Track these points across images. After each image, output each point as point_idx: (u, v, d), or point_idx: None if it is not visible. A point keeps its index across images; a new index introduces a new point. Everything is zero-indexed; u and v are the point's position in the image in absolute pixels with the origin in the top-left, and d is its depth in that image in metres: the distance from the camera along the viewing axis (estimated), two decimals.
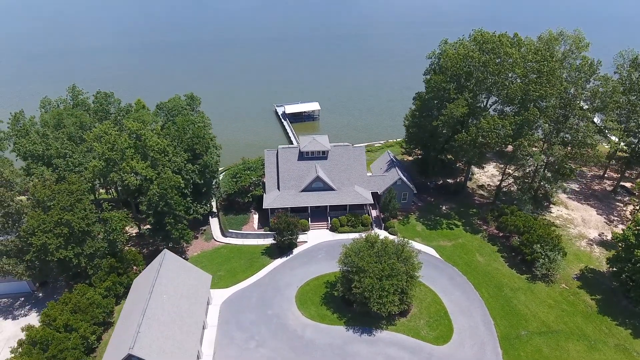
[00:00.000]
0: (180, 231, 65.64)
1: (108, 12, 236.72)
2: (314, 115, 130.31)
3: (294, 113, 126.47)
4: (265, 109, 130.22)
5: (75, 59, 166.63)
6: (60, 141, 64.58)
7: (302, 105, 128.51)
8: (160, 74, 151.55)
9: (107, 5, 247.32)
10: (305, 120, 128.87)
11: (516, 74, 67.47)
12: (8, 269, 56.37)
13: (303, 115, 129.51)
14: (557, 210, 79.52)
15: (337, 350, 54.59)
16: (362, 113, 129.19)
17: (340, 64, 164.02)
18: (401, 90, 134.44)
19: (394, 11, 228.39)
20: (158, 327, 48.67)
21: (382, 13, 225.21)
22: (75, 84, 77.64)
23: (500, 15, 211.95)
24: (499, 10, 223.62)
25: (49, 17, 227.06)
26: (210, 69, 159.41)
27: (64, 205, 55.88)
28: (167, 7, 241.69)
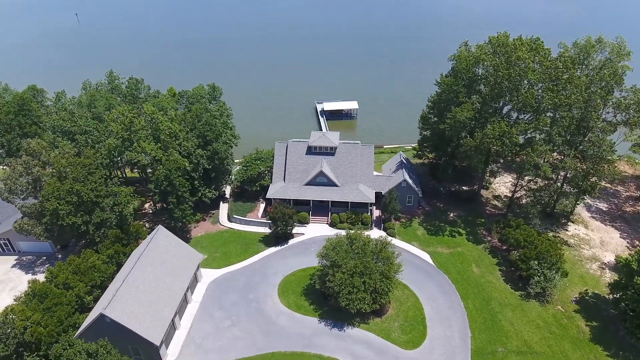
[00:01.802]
0: (183, 211, 70.01)
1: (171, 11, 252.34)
2: (351, 114, 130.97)
3: (332, 111, 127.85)
4: (306, 105, 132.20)
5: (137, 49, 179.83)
6: (84, 119, 71.59)
7: (341, 103, 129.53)
8: (207, 68, 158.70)
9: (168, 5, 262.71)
10: (343, 119, 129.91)
11: (530, 80, 63.96)
12: (27, 229, 63.75)
13: (342, 113, 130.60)
14: (575, 228, 74.15)
15: (305, 341, 55.77)
16: (400, 115, 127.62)
17: (386, 65, 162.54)
18: None
19: (455, 13, 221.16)
20: (135, 294, 52.82)
21: (443, 15, 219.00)
22: (112, 70, 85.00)
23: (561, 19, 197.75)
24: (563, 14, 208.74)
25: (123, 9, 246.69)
26: (257, 64, 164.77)
27: (76, 176, 62.08)
28: (216, 4, 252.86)
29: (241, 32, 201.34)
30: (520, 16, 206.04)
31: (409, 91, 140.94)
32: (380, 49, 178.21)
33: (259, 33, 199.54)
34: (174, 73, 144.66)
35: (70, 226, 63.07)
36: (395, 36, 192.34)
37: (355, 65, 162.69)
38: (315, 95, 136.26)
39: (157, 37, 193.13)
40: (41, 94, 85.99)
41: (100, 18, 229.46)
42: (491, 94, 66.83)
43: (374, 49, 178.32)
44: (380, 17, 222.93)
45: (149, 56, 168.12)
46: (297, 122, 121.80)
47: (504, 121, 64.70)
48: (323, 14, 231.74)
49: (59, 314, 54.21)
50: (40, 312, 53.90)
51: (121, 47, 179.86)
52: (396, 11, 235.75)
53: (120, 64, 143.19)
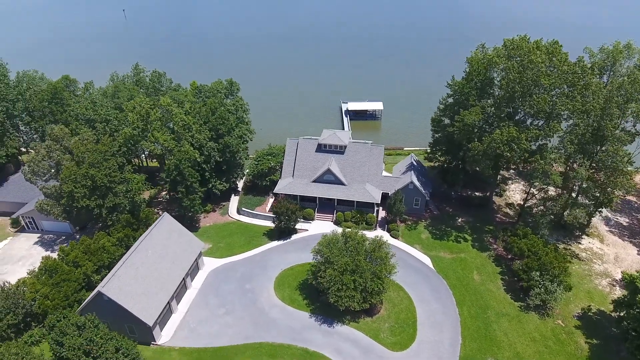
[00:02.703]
0: (192, 201, 72.56)
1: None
2: (376, 114, 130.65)
3: (357, 111, 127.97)
4: (333, 105, 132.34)
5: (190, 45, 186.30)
6: (105, 109, 75.51)
7: (365, 103, 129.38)
8: (237, 65, 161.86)
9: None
10: (367, 119, 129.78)
11: (544, 85, 61.78)
12: (47, 209, 68.12)
13: (366, 113, 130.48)
14: (589, 242, 70.88)
15: (294, 334, 56.60)
16: (425, 118, 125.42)
17: (415, 66, 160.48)
18: None
19: (495, 15, 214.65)
20: (134, 275, 55.46)
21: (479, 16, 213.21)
22: (138, 63, 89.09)
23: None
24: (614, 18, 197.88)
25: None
26: (287, 62, 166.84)
27: (92, 162, 65.74)
28: (252, 3, 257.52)
29: (274, 31, 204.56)
30: (560, 19, 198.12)
31: (436, 94, 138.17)
32: (412, 50, 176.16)
33: (291, 32, 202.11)
34: (202, 68, 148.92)
35: (85, 208, 66.94)
36: (428, 37, 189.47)
37: (383, 66, 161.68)
38: (342, 95, 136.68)
39: (194, 33, 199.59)
40: (74, 83, 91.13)
41: (147, 14, 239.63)
42: (503, 98, 65.08)
43: (405, 50, 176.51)
44: (416, 18, 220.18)
45: (183, 51, 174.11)
46: (322, 121, 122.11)
47: (514, 126, 62.79)
48: (357, 15, 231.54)
49: (66, 289, 57.77)
50: (49, 287, 57.67)
51: (159, 42, 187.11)
52: (433, 12, 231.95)
53: (154, 58, 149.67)
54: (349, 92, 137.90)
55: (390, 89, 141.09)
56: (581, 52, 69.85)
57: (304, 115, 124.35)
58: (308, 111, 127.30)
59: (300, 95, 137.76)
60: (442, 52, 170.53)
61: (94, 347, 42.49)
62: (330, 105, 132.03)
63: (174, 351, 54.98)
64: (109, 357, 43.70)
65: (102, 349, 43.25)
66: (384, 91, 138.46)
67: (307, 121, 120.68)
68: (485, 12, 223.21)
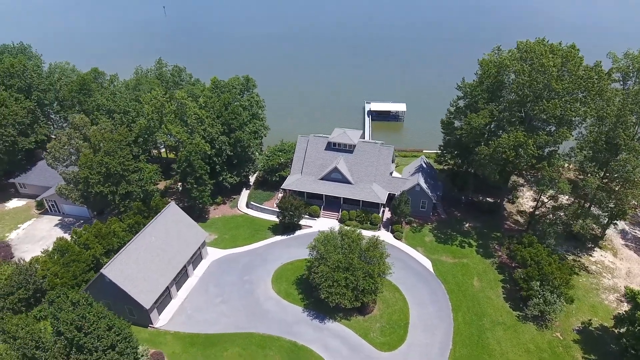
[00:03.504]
0: (201, 192, 74.79)
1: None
2: (399, 116, 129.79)
3: (379, 111, 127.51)
4: (357, 104, 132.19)
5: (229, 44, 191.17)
6: (124, 100, 78.97)
7: (388, 104, 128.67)
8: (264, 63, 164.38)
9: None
10: (390, 120, 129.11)
11: (555, 89, 59.79)
12: (65, 193, 72.12)
13: (389, 114, 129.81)
14: (601, 255, 67.97)
15: (285, 327, 57.55)
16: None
17: (441, 68, 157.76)
18: None
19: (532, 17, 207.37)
20: (135, 260, 57.93)
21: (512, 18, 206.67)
22: (161, 57, 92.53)
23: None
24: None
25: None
26: (314, 60, 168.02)
27: (107, 150, 69.07)
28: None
29: (304, 30, 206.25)
30: (599, 23, 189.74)
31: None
32: (439, 51, 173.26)
33: (320, 32, 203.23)
34: (230, 65, 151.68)
35: (100, 194, 70.39)
36: (456, 39, 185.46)
37: (409, 67, 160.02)
38: (366, 95, 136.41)
39: (227, 31, 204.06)
40: (102, 76, 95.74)
41: (186, 11, 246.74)
42: (513, 102, 63.46)
43: (432, 51, 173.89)
44: (446, 19, 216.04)
45: (214, 48, 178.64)
46: (343, 120, 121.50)
47: (522, 131, 61.11)
48: (386, 15, 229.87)
49: (74, 269, 60.99)
50: (60, 266, 61.07)
51: (192, 38, 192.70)
52: (464, 13, 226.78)
53: (184, 53, 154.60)
54: (373, 92, 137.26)
55: (415, 91, 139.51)
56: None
57: (327, 114, 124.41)
58: (331, 110, 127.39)
59: (325, 94, 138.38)
60: (469, 54, 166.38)
61: (86, 324, 44.86)
62: (354, 105, 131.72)
63: (169, 335, 57.15)
64: (100, 335, 46.00)
65: (93, 325, 45.57)
66: (408, 93, 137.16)
67: (329, 120, 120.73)
68: (520, 13, 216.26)
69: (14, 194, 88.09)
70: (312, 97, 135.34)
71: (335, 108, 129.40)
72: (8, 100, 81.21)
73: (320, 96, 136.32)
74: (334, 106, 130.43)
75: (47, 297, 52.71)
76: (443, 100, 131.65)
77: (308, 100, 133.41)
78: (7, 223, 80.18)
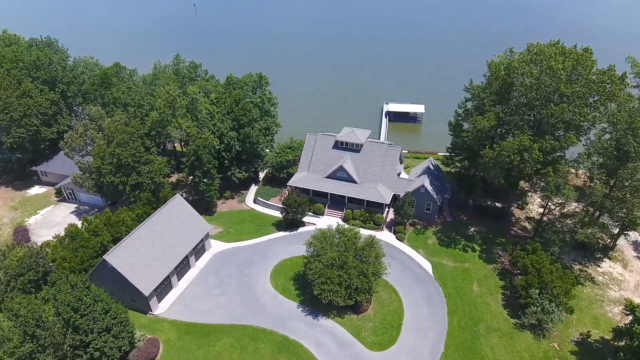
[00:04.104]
0: (208, 185, 76.48)
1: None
2: (417, 117, 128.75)
3: (397, 112, 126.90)
4: (375, 104, 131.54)
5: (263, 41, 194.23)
6: (139, 94, 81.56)
7: (406, 105, 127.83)
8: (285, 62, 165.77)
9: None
10: (408, 121, 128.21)
11: (563, 93, 58.17)
12: (80, 182, 75.21)
13: (407, 115, 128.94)
14: (609, 266, 65.64)
15: (279, 321, 58.30)
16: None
17: (462, 71, 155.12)
18: None
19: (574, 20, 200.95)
20: (138, 248, 59.88)
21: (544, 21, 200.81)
22: (179, 53, 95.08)
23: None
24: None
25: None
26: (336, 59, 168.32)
27: (119, 142, 71.59)
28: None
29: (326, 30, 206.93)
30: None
31: None
32: (460, 54, 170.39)
33: (343, 32, 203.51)
34: (252, 62, 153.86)
35: (111, 184, 73.04)
36: (477, 42, 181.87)
37: (430, 69, 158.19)
38: (385, 96, 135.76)
39: (253, 29, 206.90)
40: (123, 70, 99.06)
41: (216, 10, 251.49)
42: (520, 105, 62.15)
43: (453, 53, 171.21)
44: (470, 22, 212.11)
45: (238, 45, 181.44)
46: (360, 120, 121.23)
47: (527, 135, 59.75)
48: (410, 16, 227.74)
49: (82, 255, 63.43)
50: (69, 251, 63.69)
51: (217, 35, 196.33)
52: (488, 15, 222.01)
53: (207, 49, 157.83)
54: (393, 93, 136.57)
55: (435, 93, 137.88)
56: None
57: (344, 113, 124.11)
58: (350, 110, 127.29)
59: (345, 93, 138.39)
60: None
61: (82, 305, 46.83)
62: (373, 105, 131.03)
63: (167, 322, 58.84)
64: (96, 317, 47.93)
65: (90, 308, 47.52)
66: (428, 94, 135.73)
67: (345, 119, 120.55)
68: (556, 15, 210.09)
69: (36, 181, 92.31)
70: (332, 96, 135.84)
71: (353, 108, 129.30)
72: (33, 91, 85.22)
73: (339, 95, 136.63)
74: (352, 106, 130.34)
75: (50, 279, 55.36)
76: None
77: (327, 99, 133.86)
78: (27, 209, 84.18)
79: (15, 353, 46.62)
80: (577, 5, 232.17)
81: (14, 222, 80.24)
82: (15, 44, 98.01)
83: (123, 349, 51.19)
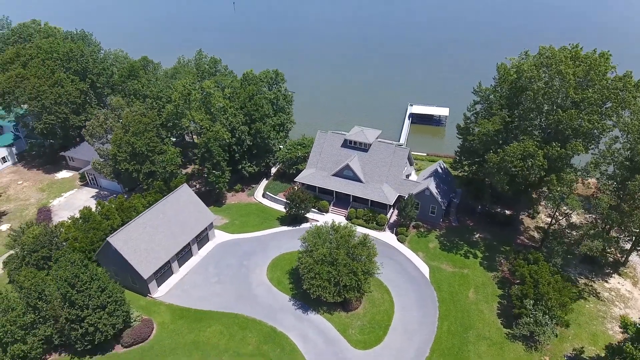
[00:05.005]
0: (217, 177, 78.71)
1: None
2: (440, 120, 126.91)
3: (420, 114, 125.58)
4: (398, 106, 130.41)
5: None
6: (158, 87, 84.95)
7: (430, 108, 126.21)
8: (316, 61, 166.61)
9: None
10: (432, 124, 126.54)
11: (573, 99, 56.02)
12: (98, 168, 79.33)
13: (431, 118, 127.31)
14: (618, 282, 62.47)
15: (269, 312, 59.47)
16: None
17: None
18: None
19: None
20: (141, 232, 62.65)
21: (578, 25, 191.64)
22: (201, 49, 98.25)
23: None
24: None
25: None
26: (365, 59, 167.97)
27: (134, 131, 74.98)
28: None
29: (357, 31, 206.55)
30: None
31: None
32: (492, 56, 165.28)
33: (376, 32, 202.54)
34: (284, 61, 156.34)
35: (126, 171, 76.62)
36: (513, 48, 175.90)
37: (457, 71, 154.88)
38: (411, 97, 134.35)
39: (286, 28, 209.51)
40: (151, 64, 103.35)
41: (255, 7, 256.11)
42: (529, 110, 60.27)
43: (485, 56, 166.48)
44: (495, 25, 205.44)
45: (271, 43, 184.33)
46: (381, 121, 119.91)
47: (532, 141, 57.89)
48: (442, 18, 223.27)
49: (92, 236, 66.95)
50: (81, 232, 67.50)
51: (256, 33, 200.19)
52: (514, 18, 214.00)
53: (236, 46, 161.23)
54: (419, 95, 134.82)
55: (461, 96, 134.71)
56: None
57: (367, 113, 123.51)
58: (374, 109, 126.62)
59: (370, 93, 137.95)
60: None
61: (78, 282, 49.70)
62: (397, 106, 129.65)
63: (163, 306, 61.27)
64: (91, 294, 50.73)
65: (86, 285, 50.35)
66: (455, 97, 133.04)
67: (367, 119, 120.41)
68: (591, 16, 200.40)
69: (64, 166, 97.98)
70: (358, 95, 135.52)
71: (378, 108, 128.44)
72: (65, 81, 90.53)
73: (365, 95, 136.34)
74: (376, 106, 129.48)
75: (54, 256, 58.94)
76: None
77: (353, 98, 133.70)
78: (53, 191, 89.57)
79: (17, 322, 50.12)
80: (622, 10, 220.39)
81: (39, 202, 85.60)
82: (53, 36, 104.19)
83: (117, 326, 53.86)
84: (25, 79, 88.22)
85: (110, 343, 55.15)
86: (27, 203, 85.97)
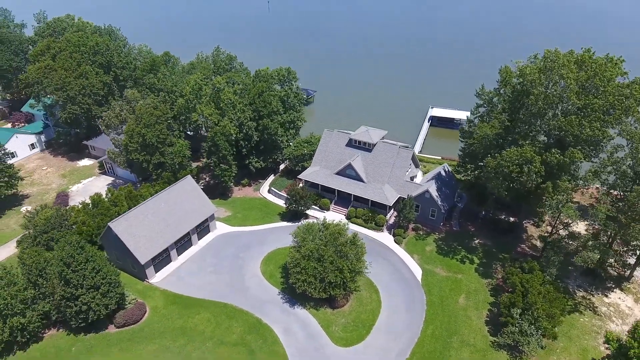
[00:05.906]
0: (223, 171, 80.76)
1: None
2: (461, 124, 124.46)
3: (439, 117, 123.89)
4: (419, 108, 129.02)
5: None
6: (172, 81, 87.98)
7: (451, 111, 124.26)
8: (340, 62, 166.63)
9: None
10: (454, 128, 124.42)
11: (575, 104, 54.13)
12: (112, 157, 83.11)
13: (452, 122, 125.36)
14: (619, 297, 59.71)
15: (257, 304, 60.78)
16: None
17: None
18: None
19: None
20: (142, 220, 65.31)
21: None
22: (219, 45, 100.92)
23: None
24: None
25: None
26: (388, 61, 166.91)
27: (146, 123, 78.07)
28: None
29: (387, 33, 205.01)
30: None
31: None
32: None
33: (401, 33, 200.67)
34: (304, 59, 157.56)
35: (137, 161, 79.91)
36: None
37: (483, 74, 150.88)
38: (432, 100, 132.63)
39: (316, 29, 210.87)
40: (172, 59, 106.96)
41: (289, 8, 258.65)
42: (530, 114, 58.65)
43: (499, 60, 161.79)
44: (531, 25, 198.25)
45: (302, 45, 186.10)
46: (399, 123, 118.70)
47: (531, 146, 56.31)
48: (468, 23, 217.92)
49: (99, 221, 70.40)
50: (89, 217, 71.15)
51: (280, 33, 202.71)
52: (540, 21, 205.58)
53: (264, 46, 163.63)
54: (440, 98, 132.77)
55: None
56: None
57: (388, 113, 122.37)
58: (393, 110, 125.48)
59: (391, 95, 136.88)
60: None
61: (74, 262, 52.55)
62: (418, 108, 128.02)
63: (158, 291, 63.70)
64: (86, 275, 53.52)
65: (81, 265, 53.16)
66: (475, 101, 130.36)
67: (385, 120, 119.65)
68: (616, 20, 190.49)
69: (87, 154, 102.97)
70: (379, 95, 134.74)
71: (398, 109, 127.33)
72: (90, 73, 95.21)
73: (386, 95, 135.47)
74: (397, 107, 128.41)
75: (56, 236, 62.38)
76: None
77: (374, 98, 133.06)
78: (74, 178, 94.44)
79: (18, 296, 53.56)
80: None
81: (59, 187, 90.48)
82: (83, 30, 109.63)
83: (110, 307, 56.52)
84: (53, 70, 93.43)
85: (104, 322, 57.92)
86: (49, 188, 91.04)
